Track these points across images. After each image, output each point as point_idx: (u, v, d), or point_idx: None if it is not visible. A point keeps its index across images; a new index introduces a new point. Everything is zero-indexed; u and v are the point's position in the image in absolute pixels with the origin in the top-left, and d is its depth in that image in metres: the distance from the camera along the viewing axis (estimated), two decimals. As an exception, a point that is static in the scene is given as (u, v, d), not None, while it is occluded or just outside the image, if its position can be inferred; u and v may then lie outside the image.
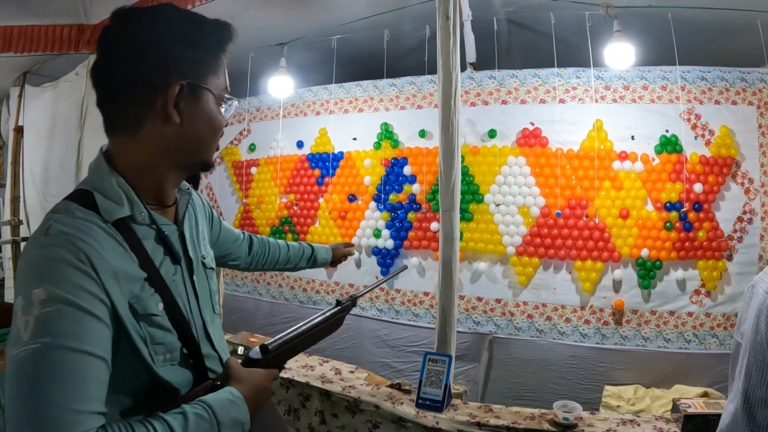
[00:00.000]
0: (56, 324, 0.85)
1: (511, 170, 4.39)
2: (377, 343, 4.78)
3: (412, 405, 2.55)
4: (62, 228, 0.94)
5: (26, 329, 0.84)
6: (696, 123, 4.07)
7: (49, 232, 0.94)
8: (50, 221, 0.96)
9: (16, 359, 0.84)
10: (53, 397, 0.82)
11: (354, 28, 4.69)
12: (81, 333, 0.87)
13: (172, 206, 1.20)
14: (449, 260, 2.75)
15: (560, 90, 4.33)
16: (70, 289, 0.88)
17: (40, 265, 0.91)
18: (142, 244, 1.05)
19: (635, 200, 4.12)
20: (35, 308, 0.85)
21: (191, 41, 1.08)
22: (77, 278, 0.89)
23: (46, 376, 0.82)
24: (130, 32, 1.05)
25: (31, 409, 0.81)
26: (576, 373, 4.17)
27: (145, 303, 1.01)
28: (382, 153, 4.90)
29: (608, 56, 4.01)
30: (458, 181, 2.73)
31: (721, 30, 4.31)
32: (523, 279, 4.35)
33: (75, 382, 0.85)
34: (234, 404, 1.03)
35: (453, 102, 2.65)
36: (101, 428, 0.85)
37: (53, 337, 0.84)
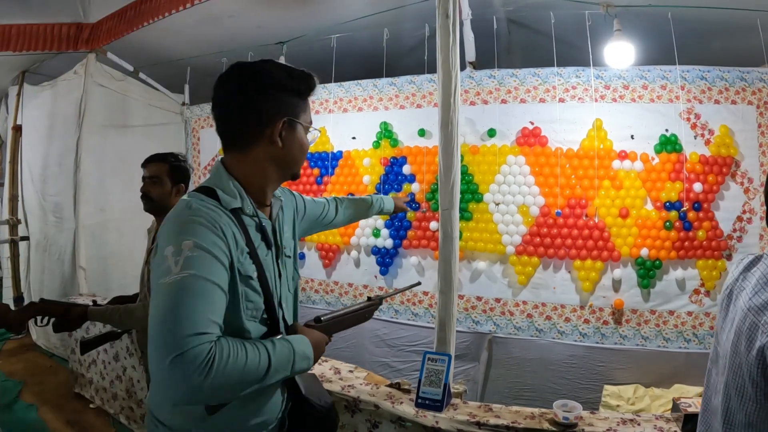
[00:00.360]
0: (199, 263, 1.22)
1: (510, 169, 4.39)
2: (376, 342, 4.78)
3: (411, 404, 2.54)
4: (200, 205, 1.35)
5: (177, 265, 1.20)
6: (695, 122, 4.07)
7: (192, 207, 1.34)
8: (190, 201, 1.36)
9: (166, 284, 1.19)
10: (194, 308, 1.17)
11: (353, 26, 4.69)
12: (215, 272, 1.25)
13: (268, 206, 1.59)
14: (449, 259, 2.74)
15: (560, 89, 4.32)
16: (209, 243, 1.27)
17: (188, 226, 1.28)
18: (247, 228, 1.44)
19: (635, 200, 4.12)
20: (185, 252, 1.22)
21: (288, 88, 1.48)
22: (213, 237, 1.28)
23: (191, 294, 1.18)
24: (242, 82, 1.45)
25: (177, 314, 1.15)
26: (575, 372, 4.17)
27: (246, 268, 1.39)
28: (382, 152, 4.89)
29: (608, 55, 4.01)
30: (458, 179, 2.71)
31: (720, 29, 4.31)
32: (522, 278, 4.35)
33: (209, 301, 1.21)
34: (305, 343, 1.43)
35: (452, 100, 2.63)
36: (221, 337, 1.20)
37: (197, 270, 1.21)
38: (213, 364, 1.13)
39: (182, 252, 1.22)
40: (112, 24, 4.73)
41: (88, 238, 5.05)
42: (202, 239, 1.26)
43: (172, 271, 1.19)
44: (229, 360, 1.17)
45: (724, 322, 1.37)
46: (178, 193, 2.72)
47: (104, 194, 5.33)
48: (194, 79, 5.98)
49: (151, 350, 1.14)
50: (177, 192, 2.72)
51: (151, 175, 2.71)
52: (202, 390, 1.12)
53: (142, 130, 5.67)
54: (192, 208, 1.33)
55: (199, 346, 1.12)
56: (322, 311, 4.71)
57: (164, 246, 1.25)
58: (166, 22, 4.41)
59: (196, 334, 1.13)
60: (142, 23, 4.40)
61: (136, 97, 5.64)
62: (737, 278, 1.38)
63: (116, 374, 4.04)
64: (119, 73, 5.44)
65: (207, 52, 5.26)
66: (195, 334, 1.13)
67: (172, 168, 2.73)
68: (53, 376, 4.95)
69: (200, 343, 1.13)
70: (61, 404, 4.38)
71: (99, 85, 5.15)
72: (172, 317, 1.14)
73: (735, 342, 1.26)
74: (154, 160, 2.75)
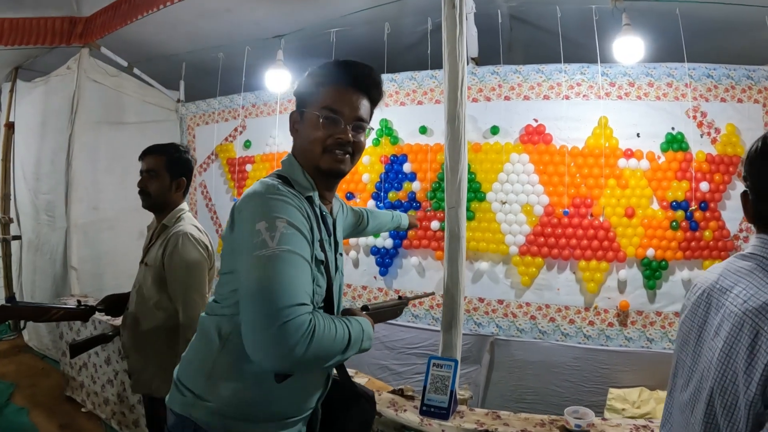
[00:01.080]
0: (294, 240, 1.31)
1: (514, 168, 4.32)
2: (376, 344, 4.63)
3: (415, 412, 2.44)
4: (285, 189, 1.43)
5: (273, 240, 1.28)
6: (702, 121, 4.04)
7: (279, 189, 1.41)
8: (275, 183, 1.44)
9: (265, 257, 1.26)
10: (295, 281, 1.26)
11: (353, 20, 4.61)
12: (306, 250, 1.35)
13: (330, 204, 1.69)
14: (455, 260, 2.64)
15: (564, 86, 4.26)
16: (299, 223, 1.36)
17: (279, 204, 1.36)
18: (318, 217, 1.53)
19: (641, 199, 4.07)
20: (279, 228, 1.30)
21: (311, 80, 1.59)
22: (301, 218, 1.39)
23: (290, 268, 1.27)
24: None
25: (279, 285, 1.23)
26: (579, 375, 4.11)
27: (318, 253, 1.47)
28: (381, 150, 4.82)
29: (617, 50, 3.96)
30: (465, 177, 2.62)
31: (727, 26, 4.26)
32: (525, 279, 4.29)
33: (305, 276, 1.31)
34: (368, 325, 1.53)
35: (459, 94, 2.54)
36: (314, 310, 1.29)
37: (293, 247, 1.30)
38: (314, 334, 1.22)
39: (277, 228, 1.30)
40: (106, 18, 4.67)
41: (81, 238, 4.96)
42: (293, 218, 1.35)
43: (268, 245, 1.27)
44: (324, 331, 1.27)
45: (702, 331, 1.26)
46: (179, 188, 2.58)
47: (97, 192, 5.24)
48: (190, 76, 5.90)
49: (251, 319, 1.23)
50: (177, 187, 2.57)
51: (148, 169, 2.55)
52: (304, 356, 1.20)
53: (136, 127, 5.58)
54: (279, 189, 1.41)
55: (301, 316, 1.21)
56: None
57: (254, 220, 1.32)
58: (162, 16, 4.35)
59: (298, 305, 1.22)
60: (136, 16, 4.34)
61: (131, 93, 5.57)
62: (716, 280, 1.28)
63: (107, 378, 3.95)
64: (113, 69, 5.36)
65: (203, 47, 5.19)
66: (297, 304, 1.22)
67: (170, 161, 2.56)
68: (45, 379, 4.88)
69: (302, 314, 1.22)
70: (53, 408, 4.30)
71: (92, 80, 5.08)
72: (274, 288, 1.22)
73: (726, 352, 1.13)
74: (152, 152, 2.58)
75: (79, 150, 4.87)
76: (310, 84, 1.57)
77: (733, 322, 1.12)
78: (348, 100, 1.55)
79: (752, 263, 1.19)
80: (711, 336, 1.20)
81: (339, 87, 1.55)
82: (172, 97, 6.07)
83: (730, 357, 1.11)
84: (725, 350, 1.12)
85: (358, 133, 1.57)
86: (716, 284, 1.26)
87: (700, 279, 1.37)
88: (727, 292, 1.20)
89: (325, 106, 1.53)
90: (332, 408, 1.70)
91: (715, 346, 1.17)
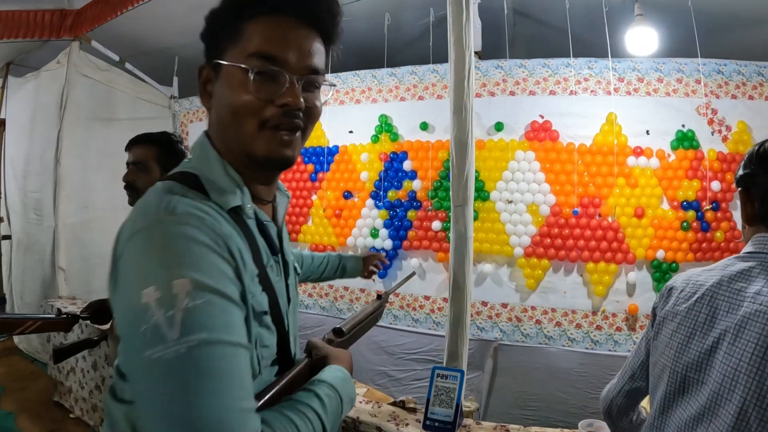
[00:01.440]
0: (210, 317, 0.78)
1: (519, 165, 4.27)
2: (374, 349, 4.63)
3: (418, 426, 2.30)
4: (188, 207, 0.86)
5: (172, 326, 0.74)
6: (713, 118, 4.00)
7: (177, 211, 0.85)
8: (170, 200, 0.87)
9: (161, 361, 0.73)
10: (218, 398, 0.74)
11: (351, 11, 4.50)
12: (233, 324, 0.82)
13: (269, 204, 1.13)
14: (462, 262, 2.53)
15: (571, 81, 4.21)
16: (216, 277, 0.81)
17: (177, 248, 0.81)
18: (254, 238, 1.00)
19: (650, 198, 4.03)
20: (181, 300, 0.76)
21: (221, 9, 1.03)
22: (220, 263, 0.83)
23: (208, 376, 0.74)
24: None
25: (195, 412, 0.72)
26: (586, 381, 4.02)
27: (259, 300, 0.96)
28: (381, 147, 4.77)
29: (629, 41, 3.95)
30: (472, 172, 2.50)
31: (739, 21, 4.26)
32: (531, 282, 4.23)
33: (239, 378, 0.79)
34: (347, 381, 1.06)
35: (466, 83, 2.42)
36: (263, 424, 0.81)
37: (209, 332, 0.76)
38: None
39: (176, 300, 0.76)
40: (96, 9, 4.60)
41: (70, 237, 4.86)
42: (205, 273, 0.80)
43: (166, 337, 0.74)
44: None
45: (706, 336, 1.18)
46: None
47: (87, 191, 5.13)
48: (183, 71, 5.82)
49: None
50: None
51: (135, 161, 2.27)
52: None
53: (128, 124, 5.44)
54: (177, 213, 0.85)
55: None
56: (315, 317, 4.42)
57: (139, 284, 0.78)
58: (154, 9, 4.29)
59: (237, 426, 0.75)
60: (127, 6, 4.27)
61: (122, 89, 5.49)
62: (719, 282, 1.22)
63: (95, 384, 3.85)
64: (104, 63, 5.29)
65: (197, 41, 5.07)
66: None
67: (162, 152, 2.28)
68: (34, 382, 4.80)
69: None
70: (41, 413, 4.23)
71: (83, 75, 4.99)
72: (191, 419, 0.72)
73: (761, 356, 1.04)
74: (140, 142, 2.31)
75: (68, 147, 4.79)
76: (228, 16, 1.01)
77: (763, 322, 1.06)
78: (293, 40, 0.99)
79: (756, 262, 1.18)
80: (729, 341, 1.11)
81: (275, 19, 0.99)
82: (165, 93, 6.02)
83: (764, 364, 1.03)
84: (759, 353, 1.04)
85: (311, 94, 1.03)
86: (721, 286, 1.20)
87: (689, 281, 1.31)
88: (740, 292, 1.14)
89: (255, 51, 0.97)
90: None
91: (738, 350, 1.09)
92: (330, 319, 4.90)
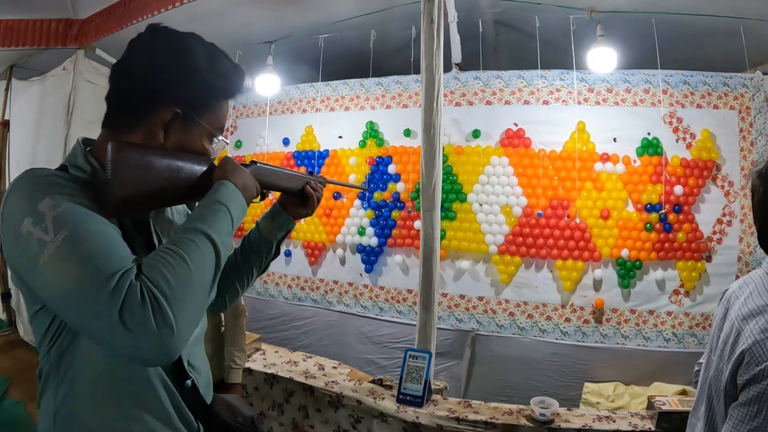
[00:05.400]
0: (72, 215, 0.94)
1: (494, 170, 4.45)
2: (361, 339, 4.83)
3: (393, 400, 2.60)
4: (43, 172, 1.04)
5: (47, 232, 0.92)
6: (678, 126, 4.15)
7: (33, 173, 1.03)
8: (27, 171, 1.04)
9: (50, 258, 0.90)
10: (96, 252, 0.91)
11: (341, 27, 4.72)
12: (93, 214, 0.97)
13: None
14: (429, 259, 2.81)
15: (544, 92, 4.39)
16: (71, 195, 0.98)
17: (36, 189, 0.98)
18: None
19: (616, 201, 4.19)
20: (48, 214, 0.93)
21: (200, 77, 1.15)
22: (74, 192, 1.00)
23: (83, 246, 0.92)
24: (151, 46, 1.15)
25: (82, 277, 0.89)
26: (557, 370, 4.24)
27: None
28: (367, 151, 4.94)
29: (591, 60, 4.06)
30: (439, 181, 2.78)
31: (704, 35, 4.36)
32: (505, 277, 4.41)
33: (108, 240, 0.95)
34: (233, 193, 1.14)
35: (435, 104, 2.70)
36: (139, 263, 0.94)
37: (74, 225, 0.93)
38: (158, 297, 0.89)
39: (44, 216, 0.93)
40: (101, 20, 4.73)
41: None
42: (60, 194, 0.98)
43: (45, 241, 0.91)
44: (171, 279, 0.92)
45: (719, 332, 1.41)
46: None
47: (92, 190, 5.26)
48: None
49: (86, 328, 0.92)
50: None
51: None
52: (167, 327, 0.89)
53: None
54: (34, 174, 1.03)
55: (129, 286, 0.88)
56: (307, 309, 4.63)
57: (18, 224, 0.95)
58: (155, 19, 4.29)
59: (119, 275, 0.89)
60: (131, 21, 4.40)
61: None
62: (734, 291, 1.44)
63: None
64: (107, 70, 5.34)
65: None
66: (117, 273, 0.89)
67: None
68: None
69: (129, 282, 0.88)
70: None
71: (87, 81, 5.14)
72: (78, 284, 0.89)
73: (722, 348, 1.32)
74: None
75: None
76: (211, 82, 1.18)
77: (729, 325, 1.33)
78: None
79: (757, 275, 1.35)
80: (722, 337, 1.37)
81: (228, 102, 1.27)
82: (165, 97, 6.08)
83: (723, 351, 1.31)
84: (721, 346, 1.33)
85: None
86: (734, 293, 1.43)
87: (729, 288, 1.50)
88: (738, 299, 1.37)
89: (220, 127, 1.25)
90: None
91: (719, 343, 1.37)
92: (321, 310, 5.09)
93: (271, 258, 1.57)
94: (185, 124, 1.16)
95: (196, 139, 1.19)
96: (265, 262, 1.56)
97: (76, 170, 1.09)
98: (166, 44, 1.14)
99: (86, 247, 0.92)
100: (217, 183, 1.14)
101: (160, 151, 1.11)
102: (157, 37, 1.16)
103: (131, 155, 1.04)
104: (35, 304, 1.07)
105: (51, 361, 1.09)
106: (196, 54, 1.15)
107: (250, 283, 1.56)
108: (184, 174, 1.14)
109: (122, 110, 1.15)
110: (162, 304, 0.89)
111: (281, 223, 1.54)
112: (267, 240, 1.53)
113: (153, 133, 1.13)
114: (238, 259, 1.53)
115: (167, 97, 1.12)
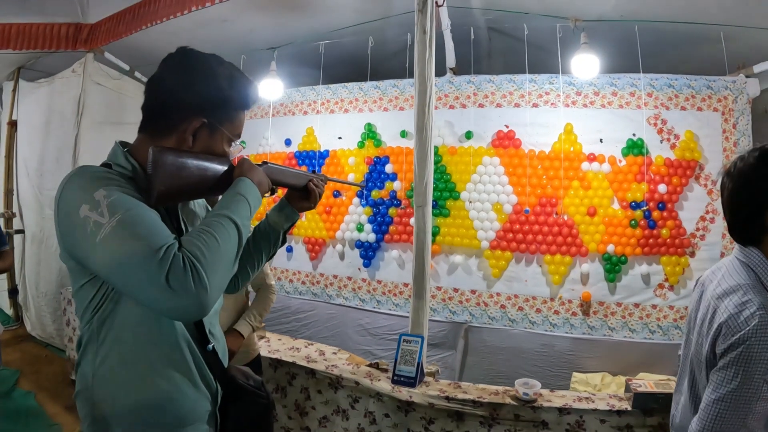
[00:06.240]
0: (123, 202, 1.15)
1: (486, 169, 4.63)
2: (359, 331, 4.97)
3: (388, 381, 2.79)
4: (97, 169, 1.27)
5: (103, 216, 1.12)
6: (662, 127, 4.31)
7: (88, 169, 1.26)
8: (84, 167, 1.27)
9: (107, 236, 1.11)
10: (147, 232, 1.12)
11: (341, 33, 4.86)
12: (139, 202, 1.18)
13: None
14: (422, 250, 3.00)
15: (534, 95, 4.55)
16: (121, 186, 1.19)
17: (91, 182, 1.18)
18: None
19: (602, 199, 4.35)
20: (103, 201, 1.14)
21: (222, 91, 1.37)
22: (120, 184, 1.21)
23: (135, 226, 1.12)
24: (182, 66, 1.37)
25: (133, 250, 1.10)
26: (546, 360, 4.38)
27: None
28: (366, 152, 5.09)
29: (575, 66, 4.19)
30: (431, 180, 2.96)
31: (686, 40, 4.47)
32: (496, 271, 4.57)
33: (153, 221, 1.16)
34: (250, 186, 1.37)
35: (427, 109, 2.88)
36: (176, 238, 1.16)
37: (126, 209, 1.14)
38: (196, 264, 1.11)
39: (99, 203, 1.14)
40: (110, 25, 4.84)
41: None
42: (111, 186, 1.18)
43: (101, 223, 1.12)
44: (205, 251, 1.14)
45: (696, 313, 1.57)
46: None
47: (100, 188, 5.35)
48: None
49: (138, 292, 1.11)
50: None
51: None
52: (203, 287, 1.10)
53: (136, 127, 5.66)
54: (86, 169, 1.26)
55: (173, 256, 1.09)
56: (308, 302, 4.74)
57: (75, 210, 1.15)
58: (163, 25, 4.50)
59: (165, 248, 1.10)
60: (140, 27, 4.52)
61: (132, 95, 5.71)
62: (708, 275, 1.61)
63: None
64: (116, 72, 5.56)
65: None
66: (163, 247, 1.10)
67: None
68: (49, 365, 4.99)
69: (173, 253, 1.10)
70: (58, 391, 4.41)
71: (96, 83, 5.26)
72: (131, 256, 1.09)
73: (700, 325, 1.49)
74: None
75: (84, 149, 5.06)
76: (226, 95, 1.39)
77: (706, 304, 1.50)
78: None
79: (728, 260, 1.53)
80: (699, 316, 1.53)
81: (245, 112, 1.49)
82: (170, 99, 6.15)
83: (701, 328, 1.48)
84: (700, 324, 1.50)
85: None
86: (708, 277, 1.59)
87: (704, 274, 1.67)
88: (711, 282, 1.53)
89: (238, 134, 1.47)
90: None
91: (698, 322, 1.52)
92: (321, 303, 5.23)
93: (278, 246, 1.79)
94: (210, 132, 1.38)
95: (218, 143, 1.41)
96: (273, 249, 1.78)
97: (119, 167, 1.30)
98: (194, 64, 1.37)
99: (137, 227, 1.12)
100: (237, 179, 1.37)
101: (191, 154, 1.33)
102: (186, 58, 1.38)
103: (169, 157, 1.27)
104: (83, 277, 1.27)
105: (92, 328, 1.29)
106: (218, 74, 1.37)
107: (259, 267, 1.75)
108: (210, 172, 1.37)
109: (158, 119, 1.37)
110: (199, 269, 1.11)
111: (287, 215, 1.75)
112: (275, 229, 1.74)
113: (184, 138, 1.34)
114: (250, 247, 1.71)
115: (196, 109, 1.34)
